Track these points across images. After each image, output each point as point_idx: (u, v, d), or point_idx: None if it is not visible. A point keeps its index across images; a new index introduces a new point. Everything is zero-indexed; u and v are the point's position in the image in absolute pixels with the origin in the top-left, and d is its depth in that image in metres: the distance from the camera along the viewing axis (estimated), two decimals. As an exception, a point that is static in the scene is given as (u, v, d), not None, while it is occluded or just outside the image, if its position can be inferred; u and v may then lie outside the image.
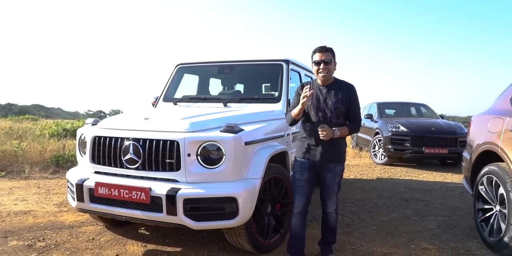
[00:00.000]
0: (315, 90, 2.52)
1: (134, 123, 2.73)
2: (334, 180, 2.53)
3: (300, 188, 2.56)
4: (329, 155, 2.49)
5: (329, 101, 2.47)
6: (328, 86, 2.52)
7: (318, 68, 2.47)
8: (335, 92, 2.49)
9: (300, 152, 2.58)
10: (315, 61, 2.49)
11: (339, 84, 2.55)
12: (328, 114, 2.46)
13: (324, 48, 2.48)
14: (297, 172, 2.57)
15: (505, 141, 2.82)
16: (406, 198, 4.74)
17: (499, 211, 2.90)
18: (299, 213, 2.57)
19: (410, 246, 3.03)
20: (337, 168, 2.53)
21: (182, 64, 4.23)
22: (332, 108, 2.46)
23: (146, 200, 2.41)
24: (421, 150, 7.11)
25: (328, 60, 2.45)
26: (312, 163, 2.52)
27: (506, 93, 3.33)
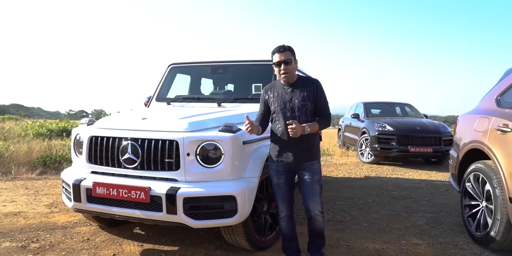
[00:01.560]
0: (279, 90, 2.49)
1: (132, 123, 2.73)
2: (313, 178, 2.45)
3: (280, 192, 2.51)
4: (302, 154, 2.44)
5: (295, 100, 2.42)
6: (292, 85, 2.47)
7: (279, 69, 2.43)
8: (300, 90, 2.44)
9: (273, 155, 2.52)
10: (274, 62, 2.44)
11: (304, 81, 2.50)
12: (297, 113, 2.41)
13: (282, 48, 2.43)
14: (273, 177, 2.52)
15: (491, 139, 2.95)
16: (394, 195, 4.86)
17: (485, 207, 3.02)
18: (286, 216, 2.54)
19: (401, 241, 3.13)
20: (313, 165, 2.46)
21: (175, 64, 4.24)
22: (299, 106, 2.41)
23: (146, 199, 2.43)
24: (406, 149, 7.29)
25: (288, 60, 2.40)
26: (287, 165, 2.46)
27: (491, 93, 3.47)
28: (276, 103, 2.46)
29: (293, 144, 2.42)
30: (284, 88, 2.48)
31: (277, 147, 2.48)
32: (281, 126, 2.44)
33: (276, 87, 2.53)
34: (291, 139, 2.39)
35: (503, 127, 2.80)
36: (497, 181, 2.79)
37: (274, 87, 2.53)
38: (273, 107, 2.48)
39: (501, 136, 2.81)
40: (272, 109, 2.49)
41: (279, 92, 2.48)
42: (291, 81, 2.47)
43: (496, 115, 3.01)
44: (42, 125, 10.76)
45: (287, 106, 2.43)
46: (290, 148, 2.44)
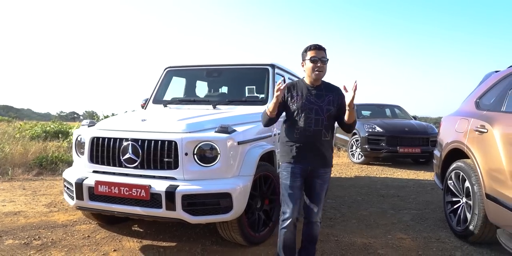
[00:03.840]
0: (304, 90, 2.38)
1: (132, 124, 2.88)
2: (323, 187, 2.38)
3: (292, 196, 2.33)
4: (320, 159, 2.35)
5: (321, 103, 2.34)
6: (317, 88, 2.39)
7: (315, 65, 2.31)
8: (325, 93, 2.37)
9: (288, 157, 2.38)
10: (312, 57, 2.31)
11: (328, 86, 2.43)
12: (321, 116, 2.32)
13: (320, 46, 2.35)
14: (288, 179, 2.35)
15: (470, 140, 3.15)
16: (383, 194, 5.06)
17: (465, 202, 3.22)
18: (293, 224, 2.35)
19: (387, 236, 3.31)
20: (326, 174, 2.40)
21: (171, 67, 4.38)
22: (325, 110, 2.33)
23: (146, 196, 2.57)
24: (395, 149, 7.51)
25: (326, 59, 2.33)
26: (303, 168, 2.34)
27: (471, 96, 3.68)
28: (299, 103, 2.34)
29: (313, 148, 2.33)
30: (309, 89, 2.38)
31: (295, 149, 2.35)
32: (303, 127, 2.32)
33: (299, 86, 2.41)
34: (311, 143, 2.32)
35: (480, 128, 3.00)
36: (475, 179, 2.98)
37: (297, 86, 2.41)
38: (294, 106, 2.35)
39: (478, 137, 3.01)
40: (294, 108, 2.35)
41: (304, 93, 2.36)
42: (317, 83, 2.40)
43: (475, 117, 3.21)
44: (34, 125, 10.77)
45: (312, 108, 2.32)
46: (309, 151, 2.33)
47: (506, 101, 2.98)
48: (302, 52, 2.41)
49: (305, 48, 2.39)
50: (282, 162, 2.43)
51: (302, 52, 2.41)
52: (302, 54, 2.41)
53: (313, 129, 2.31)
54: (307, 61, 2.34)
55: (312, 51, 2.33)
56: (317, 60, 2.31)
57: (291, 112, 2.37)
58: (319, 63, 2.31)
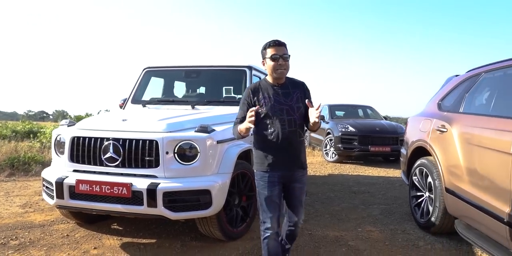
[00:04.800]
0: (270, 91, 2.23)
1: (113, 124, 2.94)
2: (302, 190, 2.30)
3: (271, 206, 2.21)
4: (297, 162, 2.24)
5: (290, 102, 2.21)
6: (282, 86, 2.25)
7: (276, 64, 2.15)
8: (292, 91, 2.24)
9: (263, 165, 2.23)
10: (272, 56, 2.14)
11: (292, 82, 2.30)
12: (293, 116, 2.20)
13: (279, 42, 2.18)
14: (265, 189, 2.21)
15: (432, 138, 3.41)
16: (354, 190, 5.31)
17: (428, 196, 3.48)
18: (275, 233, 2.23)
19: (358, 229, 3.53)
20: (304, 176, 2.30)
21: (150, 67, 4.44)
22: (295, 108, 2.21)
23: (128, 194, 2.65)
24: (367, 148, 7.83)
25: (286, 56, 2.17)
26: (281, 175, 2.22)
27: (434, 98, 3.95)
28: (268, 105, 2.18)
29: (290, 150, 2.20)
30: (275, 88, 2.23)
31: (271, 155, 2.20)
32: (276, 131, 2.17)
33: (263, 88, 2.25)
34: (287, 145, 2.18)
35: (441, 128, 3.25)
36: (437, 174, 3.24)
37: (262, 87, 2.25)
38: (264, 109, 2.19)
39: (439, 136, 3.27)
40: (263, 112, 2.19)
41: (270, 93, 2.21)
42: (282, 81, 2.25)
43: (437, 117, 3.47)
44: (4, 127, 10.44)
45: (283, 108, 2.19)
46: (286, 155, 2.20)
47: (463, 103, 3.25)
48: (262, 49, 2.22)
49: (264, 45, 2.21)
50: (258, 171, 2.26)
51: (261, 50, 2.23)
52: (261, 52, 2.23)
53: (287, 130, 2.17)
54: (268, 60, 2.17)
55: (272, 48, 2.16)
56: (278, 58, 2.14)
57: (261, 116, 2.19)
58: (281, 61, 2.15)
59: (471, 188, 2.71)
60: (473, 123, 2.86)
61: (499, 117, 2.59)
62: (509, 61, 2.82)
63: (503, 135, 2.40)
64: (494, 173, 2.46)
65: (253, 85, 2.32)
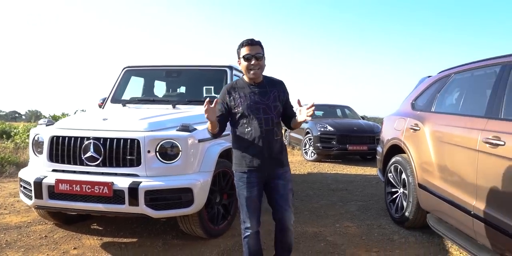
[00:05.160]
0: (246, 90, 2.21)
1: (93, 123, 2.93)
2: (287, 186, 2.24)
3: (251, 206, 2.21)
4: (276, 160, 2.22)
5: (267, 101, 2.20)
6: (259, 85, 2.23)
7: (249, 64, 2.14)
8: (269, 90, 2.23)
9: (241, 165, 2.21)
10: (245, 55, 2.14)
11: (270, 81, 2.28)
12: (270, 115, 2.19)
13: (252, 41, 2.16)
14: (244, 189, 2.21)
15: (406, 137, 3.55)
16: (333, 188, 5.44)
17: (402, 192, 3.63)
18: (255, 233, 2.25)
19: (336, 225, 3.64)
20: (286, 172, 2.27)
21: (130, 67, 4.42)
22: (272, 107, 2.20)
23: (109, 193, 2.65)
24: (345, 147, 8.01)
25: (260, 55, 2.15)
26: (260, 175, 2.20)
27: (408, 98, 4.11)
28: (244, 105, 2.17)
29: (267, 149, 2.17)
30: (251, 87, 2.22)
31: (249, 155, 2.18)
32: (253, 130, 2.16)
33: (240, 87, 2.24)
34: (264, 144, 2.16)
35: (414, 126, 3.40)
36: (410, 171, 3.38)
37: (238, 87, 2.24)
38: (240, 109, 2.18)
39: (413, 134, 3.42)
40: (239, 111, 2.18)
41: (246, 93, 2.20)
42: (258, 80, 2.23)
43: (410, 117, 3.62)
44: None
45: (259, 107, 2.17)
46: (264, 154, 2.17)
47: (435, 103, 3.41)
48: (237, 49, 2.22)
49: (238, 44, 2.20)
50: (236, 171, 2.26)
51: (236, 49, 2.22)
52: (236, 51, 2.22)
53: (264, 129, 2.16)
54: (242, 59, 2.17)
55: (245, 48, 2.15)
56: (251, 58, 2.13)
57: (237, 116, 2.20)
58: (254, 60, 2.13)
59: (442, 184, 2.86)
60: (444, 122, 3.01)
61: (467, 115, 2.75)
62: (477, 63, 2.99)
63: (470, 132, 2.54)
64: (462, 169, 2.60)
65: (229, 84, 2.30)
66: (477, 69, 2.96)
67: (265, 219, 2.59)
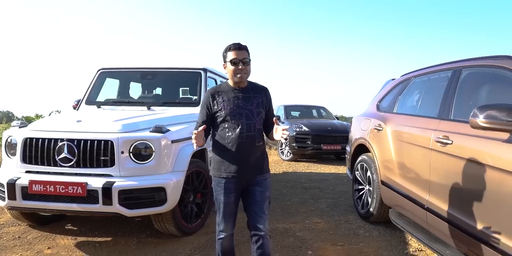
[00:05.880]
0: (230, 94, 2.19)
1: (67, 125, 2.98)
2: (264, 194, 2.20)
3: (227, 211, 2.19)
4: (256, 167, 2.18)
5: (250, 106, 2.17)
6: (243, 90, 2.21)
7: (236, 68, 2.12)
8: (253, 96, 2.21)
9: (220, 171, 2.16)
10: (232, 60, 2.12)
11: (254, 87, 2.27)
12: (253, 120, 2.16)
13: (240, 46, 2.14)
14: (221, 195, 2.17)
15: (371, 136, 3.76)
16: (306, 186, 5.63)
17: (368, 189, 3.83)
18: (229, 236, 2.23)
19: (306, 221, 3.81)
20: (266, 180, 2.23)
21: (104, 69, 4.45)
22: (255, 113, 2.18)
23: (83, 193, 2.72)
24: (319, 147, 8.24)
25: (247, 60, 2.14)
26: (238, 181, 2.16)
27: (374, 100, 4.33)
28: (228, 109, 2.14)
29: (247, 155, 2.14)
30: (235, 92, 2.19)
31: (228, 160, 2.14)
32: (234, 135, 2.12)
33: (224, 91, 2.21)
34: (245, 150, 2.13)
35: (378, 127, 3.61)
36: (374, 169, 3.59)
37: (222, 91, 2.21)
38: (223, 113, 2.14)
39: (376, 134, 3.63)
40: (221, 115, 2.15)
41: (230, 97, 2.17)
42: (243, 85, 2.21)
43: (375, 117, 3.83)
44: None
45: (242, 112, 2.15)
46: (243, 160, 2.14)
47: (397, 104, 3.63)
48: (223, 52, 2.20)
49: (225, 48, 2.18)
50: (214, 176, 2.21)
51: (222, 53, 2.21)
52: (223, 55, 2.21)
53: (245, 135, 2.12)
54: (228, 63, 2.15)
55: (232, 52, 2.13)
56: (238, 62, 2.12)
57: (219, 120, 2.16)
58: (241, 65, 2.12)
59: (401, 180, 3.07)
60: (403, 122, 3.23)
61: (423, 116, 2.96)
62: (433, 67, 3.22)
63: (425, 132, 2.76)
64: (418, 166, 2.81)
65: (213, 88, 2.26)
66: (433, 73, 3.19)
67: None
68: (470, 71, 2.65)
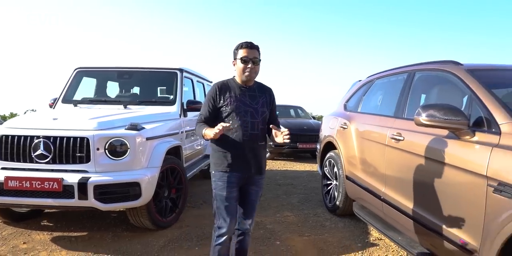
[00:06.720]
0: (237, 91, 2.18)
1: (43, 122, 3.07)
2: (258, 193, 2.27)
3: (229, 209, 2.14)
4: (257, 165, 2.20)
5: (255, 105, 2.19)
6: (250, 88, 2.22)
7: (245, 66, 2.12)
8: (258, 95, 2.22)
9: (223, 165, 2.14)
10: (243, 57, 2.12)
11: (260, 87, 2.28)
12: (257, 119, 2.17)
13: (253, 45, 2.15)
14: (223, 190, 2.13)
15: (337, 134, 3.99)
16: (280, 183, 5.84)
17: (335, 184, 4.07)
18: (229, 239, 2.19)
19: (277, 215, 4.01)
20: (262, 179, 2.27)
21: (81, 68, 4.52)
22: (260, 112, 2.19)
23: (59, 188, 2.82)
24: (295, 145, 8.49)
25: (257, 60, 2.15)
26: (240, 176, 2.16)
27: (342, 100, 4.57)
28: (233, 105, 2.14)
29: (250, 153, 2.16)
30: (242, 89, 2.20)
31: (231, 156, 2.14)
32: (239, 132, 2.12)
33: (231, 87, 2.20)
34: (248, 148, 2.14)
35: (343, 125, 3.85)
36: (340, 164, 3.83)
37: (229, 86, 2.20)
38: (229, 108, 2.14)
39: (342, 132, 3.86)
40: (227, 110, 2.15)
41: (237, 93, 2.17)
42: (250, 83, 2.22)
43: (341, 116, 4.07)
44: None
45: (248, 110, 2.16)
46: (247, 157, 2.15)
47: (361, 104, 3.87)
48: (234, 49, 2.20)
49: (237, 45, 2.19)
50: (216, 171, 2.18)
51: (233, 50, 2.21)
52: (233, 51, 2.21)
53: (249, 133, 2.14)
54: (238, 61, 2.15)
55: (243, 50, 2.13)
56: (248, 61, 2.13)
57: (224, 115, 2.16)
58: (250, 64, 2.13)
59: (362, 174, 3.30)
60: (365, 121, 3.47)
61: (382, 115, 3.20)
62: (392, 70, 3.47)
63: (382, 130, 2.99)
64: (376, 161, 3.05)
65: (220, 82, 2.24)
66: (392, 75, 3.44)
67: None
68: (422, 74, 2.91)
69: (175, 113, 4.09)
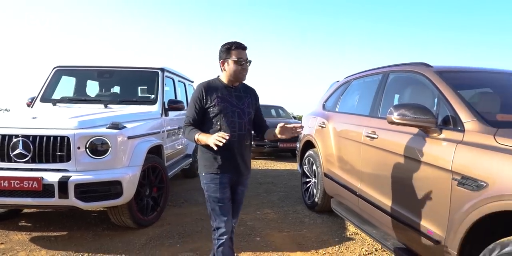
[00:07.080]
0: (223, 91, 2.17)
1: (22, 121, 3.05)
2: (244, 193, 2.32)
3: (224, 209, 2.14)
4: (245, 166, 2.23)
5: (242, 106, 2.20)
6: (236, 89, 2.22)
7: (241, 68, 2.13)
8: (244, 95, 2.24)
9: (213, 167, 2.14)
10: (239, 59, 2.11)
11: (245, 87, 2.30)
12: (244, 119, 2.18)
13: (244, 46, 2.15)
14: (217, 191, 2.13)
15: (316, 133, 4.11)
16: (261, 182, 5.93)
17: (313, 182, 4.18)
18: (230, 239, 2.16)
19: (257, 212, 4.09)
20: (247, 179, 2.31)
21: (60, 67, 4.48)
22: (246, 113, 2.20)
23: (39, 187, 2.80)
24: (276, 144, 8.59)
25: (249, 61, 2.17)
26: (231, 177, 2.18)
27: (321, 100, 4.70)
28: (221, 105, 2.13)
29: (238, 154, 2.17)
30: (229, 90, 2.20)
31: (220, 157, 2.13)
32: (225, 132, 2.06)
33: (217, 87, 2.18)
34: (237, 148, 2.16)
35: (322, 124, 3.96)
36: (319, 162, 3.94)
37: (215, 87, 2.18)
38: (216, 109, 2.13)
39: (321, 131, 3.98)
40: (214, 111, 2.13)
41: (224, 94, 2.16)
42: (236, 84, 2.22)
43: (320, 116, 4.19)
44: None
45: (235, 110, 2.16)
46: (236, 158, 2.17)
47: (339, 104, 4.00)
48: (223, 49, 2.16)
49: (226, 46, 2.15)
50: (206, 173, 2.17)
51: (222, 50, 2.16)
52: (222, 51, 2.16)
53: (237, 133, 2.14)
54: (231, 62, 2.13)
55: (237, 51, 2.12)
56: (243, 63, 2.14)
57: (211, 116, 2.15)
58: (244, 65, 2.15)
59: (339, 172, 3.42)
60: (342, 120, 3.59)
61: (358, 115, 3.33)
62: (368, 71, 3.61)
63: (358, 128, 3.12)
64: (352, 158, 3.17)
65: (205, 82, 2.20)
66: (368, 76, 3.58)
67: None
68: (395, 75, 3.05)
69: (157, 113, 4.11)
